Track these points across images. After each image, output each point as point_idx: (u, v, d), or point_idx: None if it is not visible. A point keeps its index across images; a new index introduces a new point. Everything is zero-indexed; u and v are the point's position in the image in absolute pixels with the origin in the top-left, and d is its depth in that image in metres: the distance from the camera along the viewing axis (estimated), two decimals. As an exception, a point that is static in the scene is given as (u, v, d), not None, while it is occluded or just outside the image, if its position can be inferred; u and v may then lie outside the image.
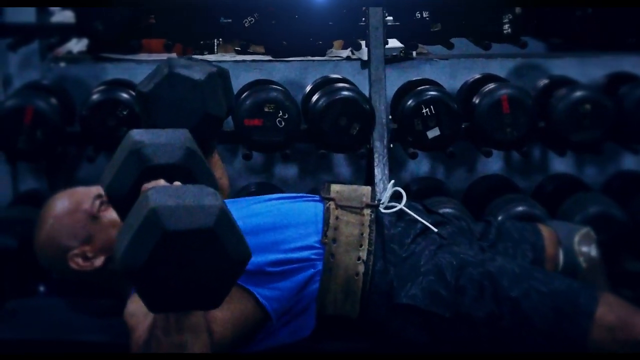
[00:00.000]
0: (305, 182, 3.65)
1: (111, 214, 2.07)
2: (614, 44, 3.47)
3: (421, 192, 3.23)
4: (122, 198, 1.82)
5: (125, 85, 3.18)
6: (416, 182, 3.39)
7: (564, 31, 3.17)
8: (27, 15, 3.28)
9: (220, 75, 2.25)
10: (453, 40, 3.29)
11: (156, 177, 1.79)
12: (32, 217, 2.90)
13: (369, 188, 2.16)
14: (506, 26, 3.08)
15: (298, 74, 3.57)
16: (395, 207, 2.10)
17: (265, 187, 3.39)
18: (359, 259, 2.01)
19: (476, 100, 3.09)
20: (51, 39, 3.29)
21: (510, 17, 3.07)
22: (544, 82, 3.35)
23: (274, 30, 3.08)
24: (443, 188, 3.32)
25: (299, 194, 2.23)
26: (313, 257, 2.00)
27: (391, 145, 3.19)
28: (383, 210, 2.11)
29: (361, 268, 2.00)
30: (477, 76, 3.34)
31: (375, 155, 3.14)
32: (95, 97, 3.03)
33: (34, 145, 2.91)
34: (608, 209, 2.96)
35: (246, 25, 3.05)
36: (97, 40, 3.09)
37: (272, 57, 3.47)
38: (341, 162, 3.67)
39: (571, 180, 3.37)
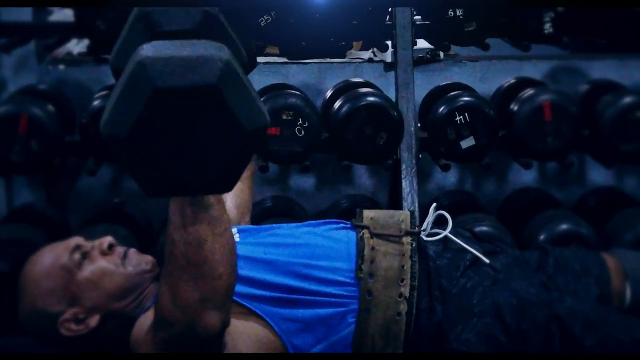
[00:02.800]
0: (323, 194, 3.39)
1: (97, 264, 1.82)
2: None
3: (452, 207, 2.93)
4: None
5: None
6: (446, 196, 3.12)
7: (608, 31, 2.87)
8: (22, 14, 3.00)
9: None
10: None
11: None
12: (27, 235, 2.68)
13: (407, 213, 1.89)
14: (547, 25, 2.79)
15: (316, 77, 3.32)
16: (439, 233, 1.82)
17: (282, 201, 3.12)
18: (400, 295, 1.73)
19: (514, 106, 2.82)
20: (49, 39, 3.00)
21: (552, 15, 2.78)
22: (585, 86, 3.07)
23: (292, 30, 2.79)
24: (476, 203, 3.04)
25: (326, 220, 1.96)
26: (345, 294, 1.73)
27: (420, 156, 2.92)
28: (425, 238, 1.83)
29: (403, 307, 1.72)
30: (513, 80, 3.07)
31: (403, 167, 2.88)
32: (97, 103, 2.76)
33: (28, 157, 2.63)
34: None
35: (262, 24, 2.76)
36: (99, 40, 2.80)
37: (288, 59, 3.19)
38: (362, 173, 3.40)
39: (616, 193, 3.09)
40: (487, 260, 1.79)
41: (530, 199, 3.07)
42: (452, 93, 2.85)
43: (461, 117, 2.76)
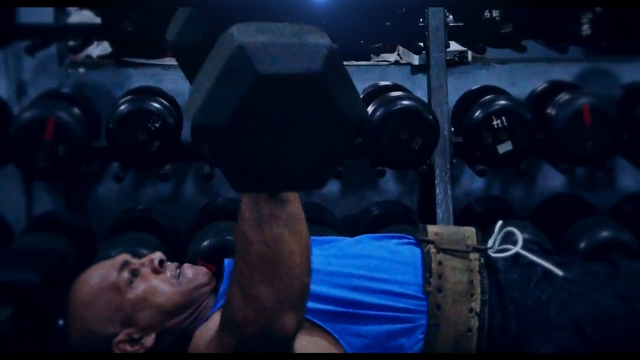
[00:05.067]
0: (350, 199, 3.32)
1: (150, 282, 1.74)
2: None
3: (487, 214, 2.88)
4: (193, 51, 1.49)
5: (156, 93, 2.83)
6: (479, 202, 3.04)
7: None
8: (44, 15, 2.91)
9: None
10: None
11: None
12: (52, 244, 2.60)
13: (472, 229, 1.82)
14: (585, 27, 2.73)
15: (342, 80, 3.23)
16: (508, 249, 1.75)
17: (311, 207, 3.04)
18: (470, 310, 1.66)
19: (551, 110, 2.75)
20: (71, 41, 2.91)
21: (591, 16, 2.71)
22: (619, 89, 3.01)
23: (326, 32, 2.71)
24: (511, 209, 2.96)
25: (388, 235, 1.89)
26: (414, 308, 1.66)
27: (453, 161, 2.86)
28: (494, 255, 1.76)
29: (475, 322, 1.65)
30: (547, 84, 3.01)
31: (437, 172, 2.81)
32: (123, 107, 2.67)
33: (55, 163, 2.54)
34: None
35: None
36: (124, 42, 2.71)
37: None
38: (388, 179, 3.32)
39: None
40: (560, 273, 1.72)
41: (564, 205, 3.00)
42: (487, 97, 2.78)
43: (498, 121, 2.69)
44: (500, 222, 1.80)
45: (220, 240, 2.56)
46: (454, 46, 3.06)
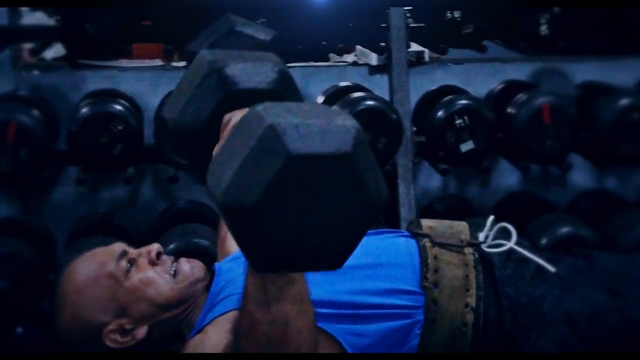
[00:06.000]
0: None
1: (147, 273, 1.71)
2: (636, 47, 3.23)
3: (450, 212, 2.91)
4: (195, 131, 1.47)
5: (116, 95, 2.80)
6: (440, 201, 3.07)
7: (603, 32, 2.88)
8: (-3, 17, 2.85)
9: None
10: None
11: (240, 106, 1.43)
12: (16, 250, 2.55)
13: (465, 224, 1.83)
14: (543, 27, 2.78)
15: (300, 81, 3.22)
16: (502, 245, 1.77)
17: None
18: (466, 305, 1.67)
19: (511, 110, 2.80)
20: (29, 43, 2.85)
21: (548, 17, 2.77)
22: (576, 88, 3.07)
23: (288, 33, 2.72)
24: (472, 208, 3.01)
25: (382, 230, 1.89)
26: (411, 304, 1.66)
27: (415, 161, 2.89)
28: (488, 250, 1.78)
29: (470, 317, 1.66)
30: (503, 84, 3.05)
31: (400, 172, 2.84)
32: (84, 110, 2.64)
33: (17, 167, 2.49)
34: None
35: (258, 27, 2.68)
36: (82, 44, 2.68)
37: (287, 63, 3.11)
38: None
39: (607, 196, 3.10)
40: (553, 269, 1.74)
41: (523, 203, 3.06)
42: (449, 96, 2.82)
43: (461, 120, 2.73)
44: (491, 217, 1.82)
45: (187, 243, 2.55)
46: (412, 47, 3.10)
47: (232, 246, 1.94)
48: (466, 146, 2.75)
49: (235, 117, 1.42)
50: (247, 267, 1.36)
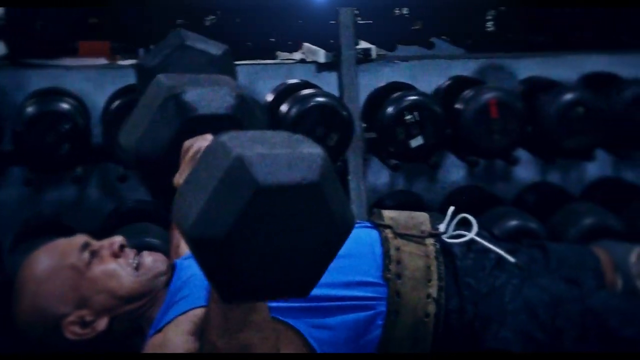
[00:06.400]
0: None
1: (109, 265, 1.69)
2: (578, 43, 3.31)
3: (400, 208, 2.91)
4: (155, 158, 1.47)
5: (63, 94, 2.75)
6: (391, 197, 3.10)
7: (548, 29, 2.94)
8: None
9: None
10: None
11: (200, 132, 1.44)
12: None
13: (426, 215, 1.84)
14: (489, 23, 2.82)
15: (248, 78, 3.22)
16: (463, 235, 1.78)
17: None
18: (428, 296, 1.68)
19: (459, 105, 2.83)
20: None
21: (495, 14, 2.81)
22: (521, 83, 3.12)
23: (238, 30, 2.71)
24: (422, 203, 3.03)
25: None
26: (374, 295, 1.66)
27: (365, 157, 2.90)
28: (448, 240, 1.79)
29: (432, 308, 1.67)
30: (450, 80, 3.09)
31: (351, 168, 2.85)
32: (30, 109, 2.59)
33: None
34: (605, 220, 2.76)
35: (207, 24, 2.67)
36: (29, 42, 2.63)
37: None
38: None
39: (552, 189, 3.16)
40: (512, 260, 1.76)
41: (471, 197, 3.10)
42: (398, 92, 2.84)
43: (411, 116, 2.75)
44: (452, 208, 1.84)
45: (139, 242, 2.51)
46: (361, 44, 3.11)
47: (187, 248, 1.93)
48: (416, 142, 2.78)
49: (195, 143, 1.42)
50: (210, 294, 1.37)
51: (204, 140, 1.41)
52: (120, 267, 1.70)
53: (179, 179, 1.42)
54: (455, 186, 3.28)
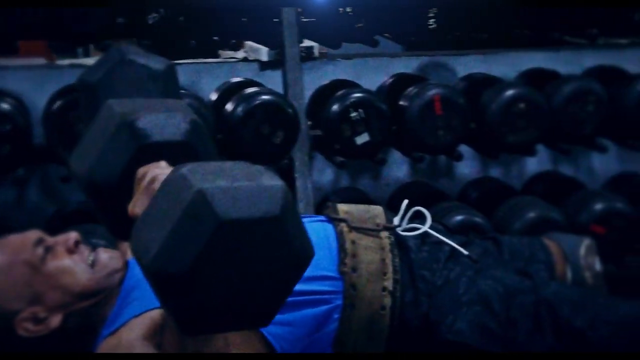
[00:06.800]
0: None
1: (63, 261, 1.66)
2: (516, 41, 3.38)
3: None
4: (108, 186, 1.44)
5: (2, 94, 2.69)
6: (337, 194, 3.11)
7: (488, 27, 2.98)
8: None
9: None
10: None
11: (153, 159, 1.42)
12: None
13: (380, 208, 1.86)
14: (431, 21, 2.86)
15: (191, 78, 3.20)
16: (417, 228, 1.80)
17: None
18: (384, 289, 1.70)
19: (404, 102, 2.86)
20: None
21: (436, 11, 2.85)
22: (462, 80, 3.16)
23: (181, 28, 2.69)
24: (369, 199, 3.05)
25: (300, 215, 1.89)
26: (331, 289, 1.67)
27: (310, 155, 2.91)
28: (403, 233, 1.81)
29: (388, 301, 1.69)
30: (394, 77, 3.11)
31: (297, 166, 2.85)
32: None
33: None
34: (547, 213, 2.81)
35: (149, 22, 2.64)
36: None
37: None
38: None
39: (495, 184, 3.21)
40: (466, 252, 1.79)
41: (416, 193, 3.12)
42: (343, 90, 2.85)
43: (356, 113, 2.77)
44: (405, 201, 1.85)
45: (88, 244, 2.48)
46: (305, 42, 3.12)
47: None
48: (361, 139, 2.79)
49: (149, 171, 1.41)
50: (166, 322, 1.36)
51: (158, 168, 1.40)
52: (75, 263, 1.68)
53: (133, 206, 1.41)
54: (400, 182, 3.31)
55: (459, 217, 2.78)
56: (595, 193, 3.00)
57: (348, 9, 2.80)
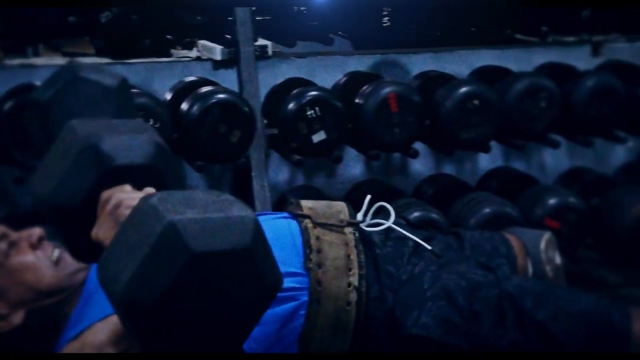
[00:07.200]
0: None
1: (27, 257, 1.64)
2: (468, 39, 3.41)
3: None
4: (72, 211, 1.42)
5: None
6: (293, 192, 3.10)
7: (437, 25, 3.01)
8: None
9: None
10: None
11: (118, 182, 1.41)
12: None
13: (343, 204, 1.86)
14: (386, 19, 2.87)
15: (143, 77, 3.16)
16: (381, 224, 1.81)
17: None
18: (349, 285, 1.70)
19: (359, 100, 2.86)
20: None
21: (389, 9, 2.86)
22: (412, 78, 3.18)
23: (134, 27, 2.66)
24: (325, 197, 3.05)
25: (260, 212, 1.89)
26: (297, 286, 1.67)
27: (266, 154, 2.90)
28: (367, 229, 1.81)
29: (353, 296, 1.69)
30: (348, 75, 3.11)
31: (253, 165, 2.84)
32: None
33: None
34: (502, 208, 2.84)
35: (102, 21, 2.60)
36: None
37: (112, 59, 3.03)
38: (194, 176, 3.29)
39: (449, 181, 3.23)
40: (429, 247, 1.80)
41: (372, 190, 3.11)
42: (299, 88, 2.85)
43: (312, 111, 2.77)
44: (368, 197, 1.86)
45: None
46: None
47: None
48: (318, 136, 2.79)
49: (114, 195, 1.39)
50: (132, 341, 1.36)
51: (123, 192, 1.39)
52: (39, 259, 1.66)
53: (97, 231, 1.39)
54: (355, 181, 3.32)
55: (416, 214, 2.80)
56: (549, 188, 3.05)
57: (303, 8, 2.79)
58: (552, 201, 2.88)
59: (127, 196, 1.37)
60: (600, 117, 3.02)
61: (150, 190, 1.40)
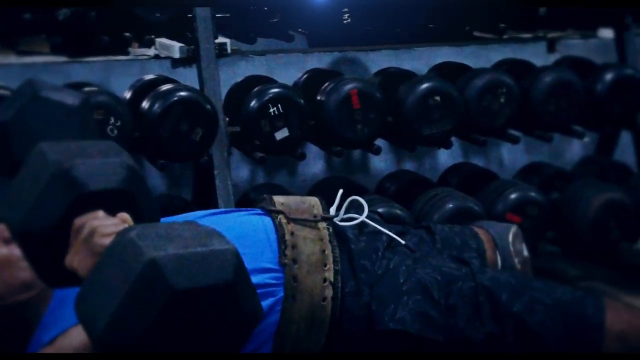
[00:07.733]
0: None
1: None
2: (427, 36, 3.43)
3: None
4: (43, 237, 1.37)
5: None
6: (256, 190, 3.08)
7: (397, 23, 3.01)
8: None
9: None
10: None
11: (90, 208, 1.36)
12: None
13: (316, 199, 1.85)
14: (346, 16, 2.87)
15: (102, 75, 3.12)
16: (354, 218, 1.80)
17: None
18: (325, 280, 1.69)
19: (321, 97, 2.86)
20: None
21: (351, 7, 2.86)
22: (372, 75, 3.18)
23: (93, 25, 2.62)
24: (289, 194, 3.03)
25: (233, 209, 1.87)
26: (272, 282, 1.66)
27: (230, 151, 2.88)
28: (340, 223, 1.81)
29: (329, 291, 1.68)
30: (309, 72, 3.11)
31: (215, 163, 2.81)
32: None
33: None
34: (465, 203, 2.86)
35: (60, 18, 2.55)
36: None
37: (69, 58, 2.99)
38: (154, 174, 3.25)
39: (411, 177, 3.24)
40: (403, 242, 1.80)
41: (336, 187, 3.11)
42: (260, 85, 2.83)
43: (274, 108, 2.75)
44: (340, 191, 1.85)
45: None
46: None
47: None
48: (281, 134, 2.78)
49: (87, 222, 1.37)
50: None
51: (96, 219, 1.36)
52: (11, 253, 1.62)
53: (72, 260, 1.36)
54: (317, 178, 3.32)
55: (380, 210, 2.78)
56: (509, 183, 3.07)
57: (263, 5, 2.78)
58: (513, 196, 2.90)
59: (100, 223, 1.35)
60: (558, 112, 3.05)
61: (124, 215, 1.38)
